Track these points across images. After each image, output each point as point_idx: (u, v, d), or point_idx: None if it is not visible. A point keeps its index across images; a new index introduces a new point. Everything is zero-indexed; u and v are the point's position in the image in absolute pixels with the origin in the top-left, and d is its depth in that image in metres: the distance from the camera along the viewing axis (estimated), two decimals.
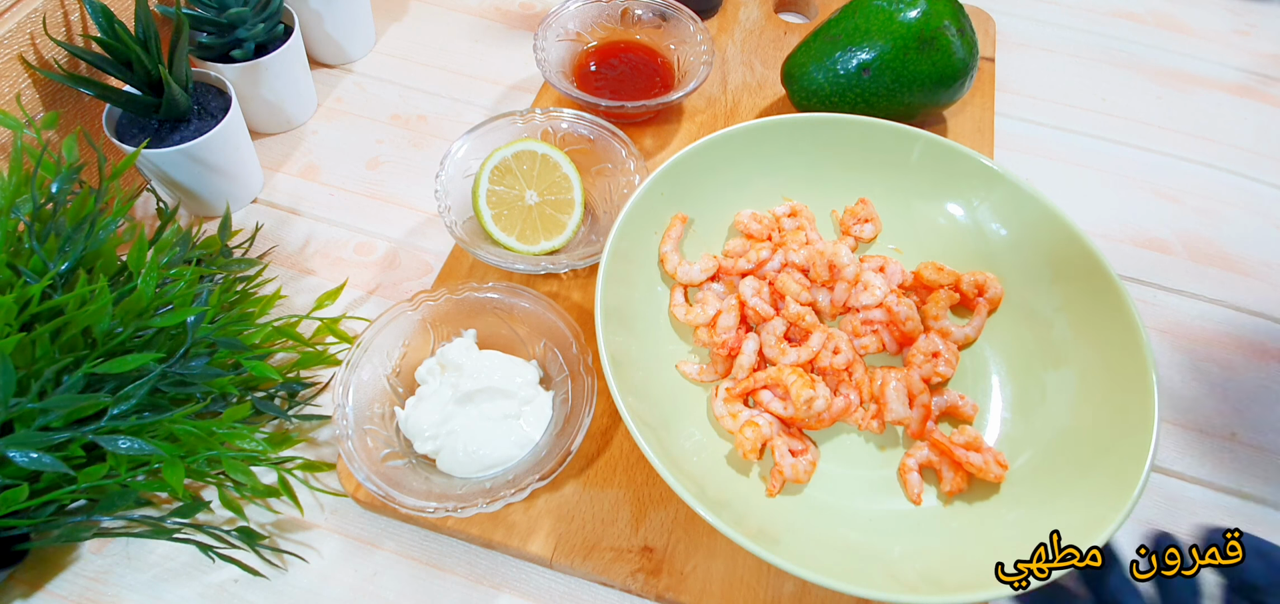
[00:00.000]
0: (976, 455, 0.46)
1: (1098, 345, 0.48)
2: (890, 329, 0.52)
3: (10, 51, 0.51)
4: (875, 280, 0.52)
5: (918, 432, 0.49)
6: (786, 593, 0.45)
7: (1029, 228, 0.53)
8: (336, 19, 0.70)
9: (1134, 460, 0.42)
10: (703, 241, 0.56)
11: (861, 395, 0.50)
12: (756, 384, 0.49)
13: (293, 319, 0.52)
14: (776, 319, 0.51)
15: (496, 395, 0.47)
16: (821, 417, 0.48)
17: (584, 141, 0.59)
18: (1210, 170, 0.70)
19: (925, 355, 0.50)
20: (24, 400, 0.40)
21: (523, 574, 0.47)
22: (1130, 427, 0.44)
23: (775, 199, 0.57)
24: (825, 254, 0.52)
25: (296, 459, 0.48)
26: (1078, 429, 0.46)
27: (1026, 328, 0.52)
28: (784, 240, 0.54)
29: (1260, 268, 0.63)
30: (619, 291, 0.49)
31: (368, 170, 0.65)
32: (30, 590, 0.45)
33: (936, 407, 0.50)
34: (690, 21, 0.69)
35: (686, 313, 0.52)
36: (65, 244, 0.45)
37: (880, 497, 0.48)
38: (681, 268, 0.53)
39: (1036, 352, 0.51)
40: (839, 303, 0.53)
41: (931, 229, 0.56)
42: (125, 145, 0.55)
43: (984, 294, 0.53)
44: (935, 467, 0.48)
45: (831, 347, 0.50)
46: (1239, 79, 0.78)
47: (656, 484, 0.48)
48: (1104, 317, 0.48)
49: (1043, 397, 0.49)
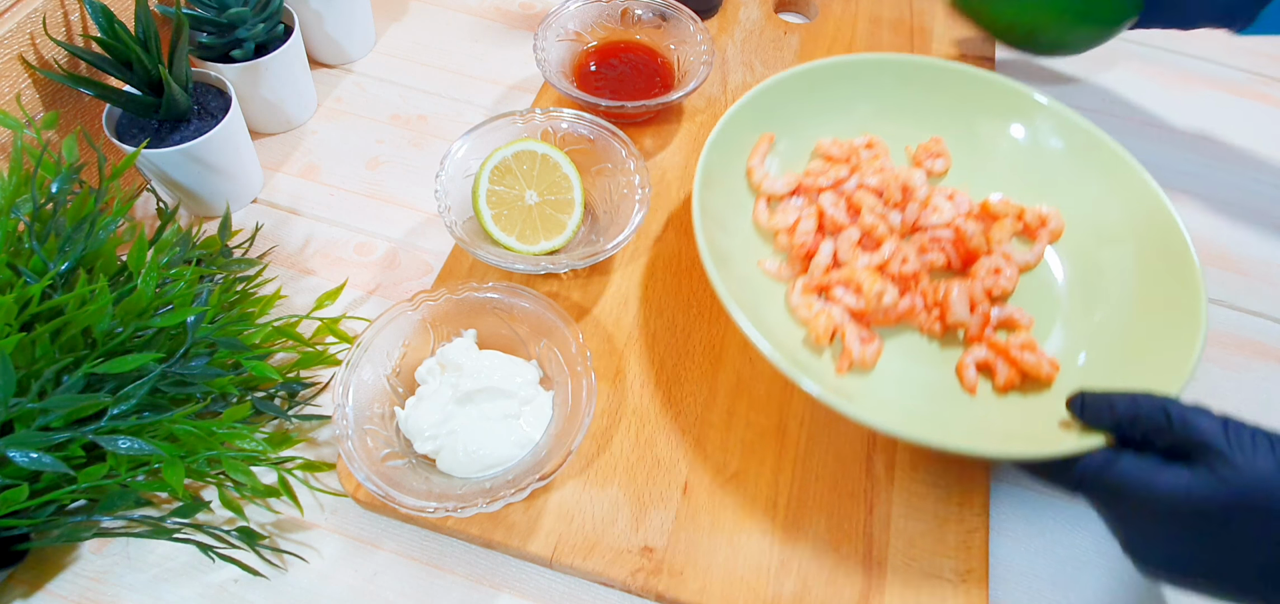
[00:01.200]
0: (1031, 355, 0.50)
1: (1149, 263, 0.53)
2: (956, 247, 0.56)
3: (10, 51, 0.51)
4: (944, 204, 0.57)
5: (976, 335, 0.52)
6: (787, 592, 0.45)
7: (1080, 152, 0.59)
8: (336, 19, 0.70)
9: (1183, 358, 0.46)
10: (786, 163, 0.61)
11: (926, 302, 0.54)
12: (831, 280, 0.54)
13: (293, 319, 0.52)
14: (852, 228, 0.56)
15: (496, 395, 0.47)
16: (890, 312, 0.52)
17: (584, 141, 0.59)
18: (1210, 170, 0.70)
19: (988, 271, 0.55)
20: (24, 400, 0.40)
21: (523, 574, 0.47)
22: (1179, 334, 0.48)
23: (854, 131, 0.62)
24: (899, 177, 0.58)
25: (296, 459, 0.48)
26: (1127, 338, 0.51)
27: (1082, 256, 0.57)
28: (860, 165, 0.59)
29: (1260, 268, 0.63)
30: (710, 196, 0.54)
31: (368, 170, 0.65)
32: (30, 590, 0.45)
33: (995, 316, 0.53)
34: (690, 21, 0.69)
35: (769, 219, 0.57)
36: (65, 244, 0.46)
37: (938, 393, 0.51)
38: (767, 181, 0.58)
39: (1089, 277, 0.56)
40: (909, 222, 0.57)
41: (1001, 165, 0.61)
42: (125, 145, 0.55)
43: (1046, 226, 0.57)
44: (991, 365, 0.51)
45: (901, 256, 0.54)
46: (1239, 79, 0.78)
47: (657, 484, 0.48)
48: (1155, 237, 0.53)
49: (1093, 311, 0.54)
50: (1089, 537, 0.49)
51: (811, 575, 0.45)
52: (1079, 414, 0.44)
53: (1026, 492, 0.51)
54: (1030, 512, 0.50)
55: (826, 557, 0.46)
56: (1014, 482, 0.51)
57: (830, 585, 0.45)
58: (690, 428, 0.51)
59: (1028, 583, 0.48)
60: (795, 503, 0.48)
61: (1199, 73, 0.79)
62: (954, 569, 0.46)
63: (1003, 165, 0.61)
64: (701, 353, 0.54)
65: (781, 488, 0.49)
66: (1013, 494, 0.51)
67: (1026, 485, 0.51)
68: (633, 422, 0.51)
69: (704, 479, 0.49)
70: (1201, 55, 0.80)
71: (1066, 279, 0.56)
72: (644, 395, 0.52)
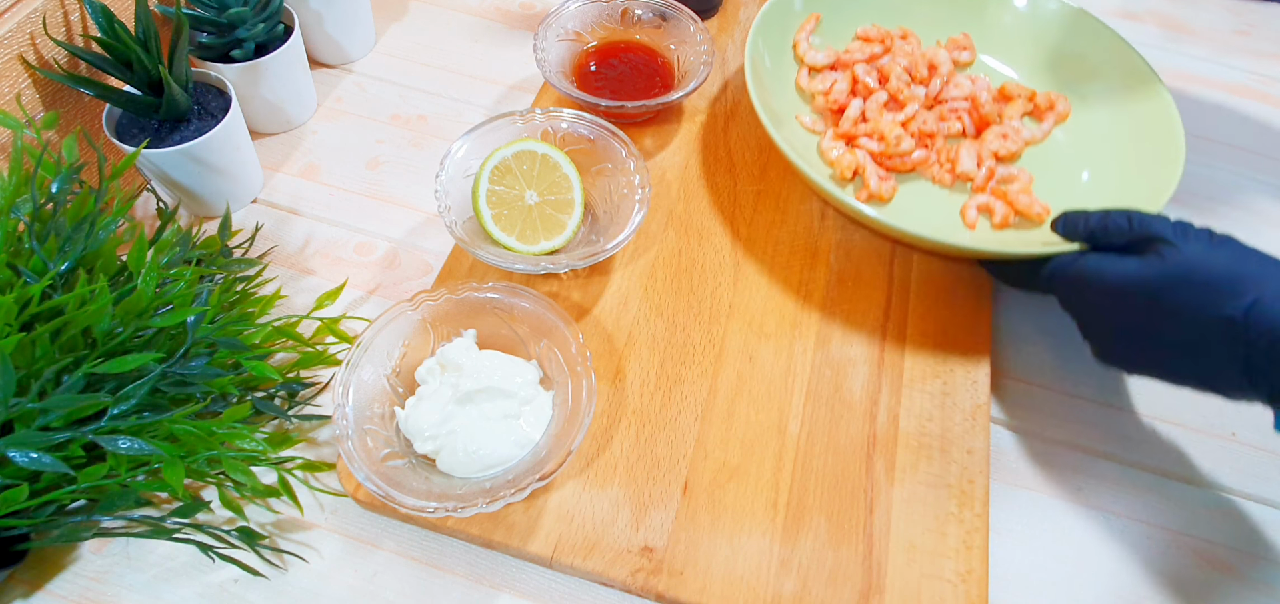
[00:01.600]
0: (1025, 197, 0.59)
1: (1132, 120, 0.62)
2: (971, 114, 0.64)
3: (10, 51, 0.51)
4: (965, 81, 0.66)
5: (981, 186, 0.61)
6: (787, 592, 0.45)
7: (1099, 55, 0.66)
8: (336, 19, 0.70)
9: (1163, 191, 0.54)
10: (827, 42, 0.70)
11: (939, 158, 0.62)
12: (858, 131, 0.63)
13: (293, 319, 0.52)
14: (880, 92, 0.64)
15: (496, 395, 0.47)
16: (907, 156, 0.62)
17: (584, 141, 0.59)
18: (1210, 170, 0.70)
19: (996, 135, 0.63)
20: (24, 400, 0.40)
21: (523, 574, 0.47)
22: (1159, 172, 0.56)
23: (892, 23, 0.70)
24: (927, 57, 0.67)
25: (296, 459, 0.48)
26: (1116, 186, 0.59)
27: (1077, 130, 0.65)
28: (893, 48, 0.68)
29: None
30: (759, 65, 0.63)
31: (368, 170, 0.65)
32: (30, 590, 0.45)
33: (999, 173, 0.62)
34: (690, 21, 0.69)
35: (810, 82, 0.67)
36: (65, 244, 0.46)
37: (942, 227, 0.59)
38: (810, 53, 0.68)
39: (1082, 143, 0.64)
40: (932, 96, 0.66)
41: (1021, 60, 0.70)
42: (125, 145, 0.55)
43: (1054, 108, 0.65)
44: (990, 208, 0.60)
45: (921, 118, 0.63)
46: (1239, 79, 0.79)
47: (657, 484, 0.48)
48: (1138, 99, 0.62)
49: (1081, 172, 0.62)
50: (1089, 537, 0.49)
51: (811, 575, 0.45)
52: (1058, 230, 0.51)
53: (1026, 492, 0.51)
54: (1030, 512, 0.50)
55: (826, 557, 0.46)
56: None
57: (830, 585, 0.45)
58: (690, 428, 0.51)
59: (1028, 583, 0.48)
60: (795, 503, 0.48)
61: (1199, 73, 0.79)
62: (954, 569, 0.46)
63: (1023, 64, 0.69)
64: (701, 353, 0.54)
65: (781, 488, 0.49)
66: (1013, 494, 0.51)
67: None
68: (633, 422, 0.51)
69: (704, 479, 0.49)
70: (1201, 55, 0.80)
71: (1066, 154, 0.64)
72: (644, 395, 0.52)
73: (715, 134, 0.67)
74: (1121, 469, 0.52)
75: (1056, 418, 0.55)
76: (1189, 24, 0.84)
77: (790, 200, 0.63)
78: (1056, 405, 0.55)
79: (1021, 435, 0.54)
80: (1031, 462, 0.53)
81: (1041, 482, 0.52)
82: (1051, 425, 0.54)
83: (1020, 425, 0.54)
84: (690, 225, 0.61)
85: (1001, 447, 0.53)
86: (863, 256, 0.60)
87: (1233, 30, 0.83)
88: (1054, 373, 0.57)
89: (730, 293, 0.57)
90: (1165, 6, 0.85)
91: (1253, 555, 0.49)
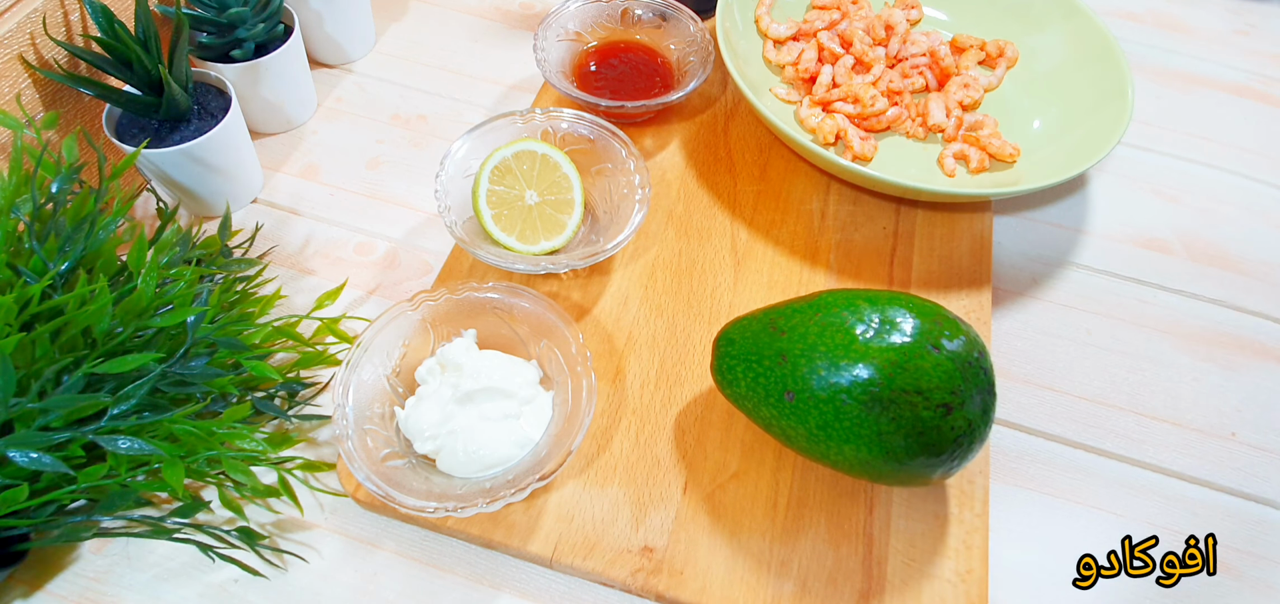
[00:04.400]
0: (996, 140, 0.63)
1: (1083, 67, 0.66)
2: (932, 69, 0.69)
3: (10, 51, 0.51)
4: (921, 38, 0.70)
5: (953, 135, 0.65)
6: (787, 592, 0.45)
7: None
8: (336, 19, 0.70)
9: (1114, 128, 0.59)
10: (786, 13, 0.73)
11: (910, 113, 0.66)
12: (832, 97, 0.66)
13: (293, 319, 0.52)
14: (846, 56, 0.68)
15: (496, 395, 0.47)
16: (882, 115, 0.65)
17: (584, 141, 0.59)
18: (1210, 170, 0.70)
19: (958, 86, 0.67)
20: (24, 400, 0.40)
21: (523, 574, 0.47)
22: (1109, 111, 0.61)
23: None
24: (883, 17, 0.71)
25: (296, 459, 0.48)
26: (1072, 127, 0.63)
27: (1031, 76, 0.69)
28: (848, 12, 0.72)
29: (1260, 268, 0.63)
30: (729, 40, 0.65)
31: (368, 170, 0.65)
32: (30, 590, 0.45)
33: (967, 121, 0.66)
34: (690, 21, 0.69)
35: (777, 55, 0.70)
36: (65, 244, 0.45)
37: (924, 178, 0.62)
38: (773, 26, 0.71)
39: (1038, 86, 0.68)
40: (892, 55, 0.69)
41: (966, 15, 0.73)
42: (125, 145, 0.55)
43: (1004, 54, 0.70)
44: (965, 155, 0.63)
45: (887, 77, 0.67)
46: (1239, 79, 0.78)
47: (657, 484, 0.48)
48: (1087, 50, 0.66)
49: (1042, 115, 0.66)
50: (1089, 537, 0.49)
51: (811, 575, 0.45)
52: None
53: (1026, 492, 0.51)
54: (1030, 512, 0.50)
55: (826, 557, 0.46)
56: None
57: (830, 585, 0.45)
58: (690, 427, 0.51)
59: (1028, 583, 0.48)
60: (795, 503, 0.48)
61: (1199, 73, 0.79)
62: (954, 569, 0.46)
63: (968, 16, 0.74)
64: (701, 353, 0.54)
65: (781, 488, 0.49)
66: (1013, 494, 0.51)
67: None
68: (633, 422, 0.51)
69: (704, 479, 0.49)
70: (1201, 55, 0.80)
71: (1020, 96, 0.69)
72: (644, 395, 0.52)
73: (715, 134, 0.67)
74: (1122, 469, 0.52)
75: (1056, 418, 0.55)
76: (1188, 23, 0.84)
77: (790, 200, 0.63)
78: (1056, 405, 0.55)
79: (1021, 435, 0.54)
80: (1031, 462, 0.53)
81: (1041, 482, 0.52)
82: (1051, 425, 0.54)
83: (1020, 425, 0.54)
84: (690, 225, 0.61)
85: (1001, 447, 0.53)
86: (863, 257, 0.60)
87: (1232, 30, 0.83)
88: (1054, 373, 0.57)
89: (730, 293, 0.57)
90: (1164, 5, 0.85)
91: (1253, 555, 0.49)
